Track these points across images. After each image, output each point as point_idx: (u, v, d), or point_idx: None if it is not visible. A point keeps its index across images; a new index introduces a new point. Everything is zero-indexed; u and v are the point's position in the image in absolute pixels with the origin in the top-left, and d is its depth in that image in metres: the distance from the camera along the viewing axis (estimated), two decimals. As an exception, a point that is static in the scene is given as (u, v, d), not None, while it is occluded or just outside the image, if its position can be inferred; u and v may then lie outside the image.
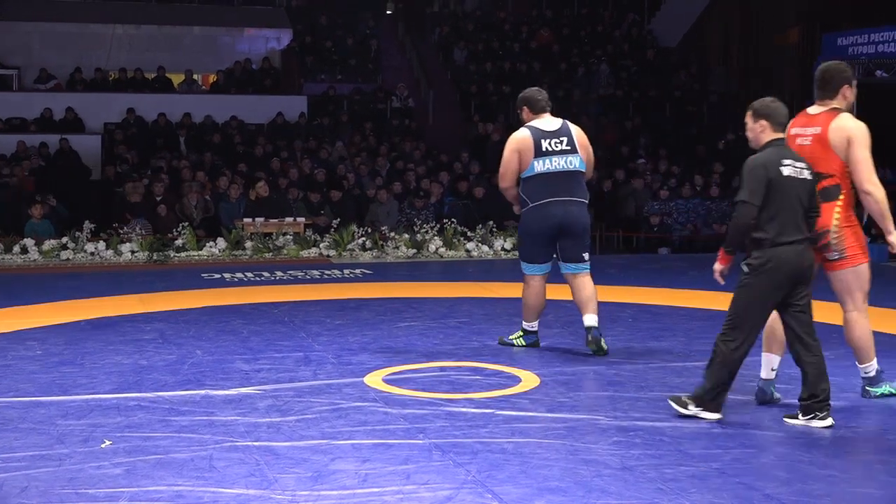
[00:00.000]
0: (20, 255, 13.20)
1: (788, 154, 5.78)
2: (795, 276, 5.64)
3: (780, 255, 5.60)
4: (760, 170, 5.66)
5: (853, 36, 16.10)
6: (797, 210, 5.66)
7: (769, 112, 5.89)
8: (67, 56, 21.73)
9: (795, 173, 5.70)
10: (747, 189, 5.63)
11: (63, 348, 7.64)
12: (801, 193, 5.68)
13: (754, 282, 5.63)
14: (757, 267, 5.63)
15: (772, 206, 5.61)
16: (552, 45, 23.44)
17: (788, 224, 5.62)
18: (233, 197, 15.50)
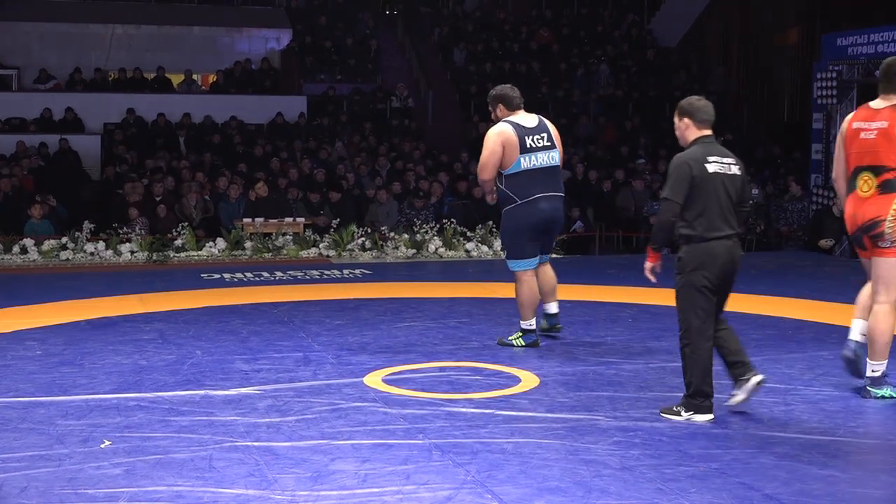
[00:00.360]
0: (20, 255, 13.19)
1: (715, 150, 5.88)
2: (725, 270, 5.75)
3: (711, 250, 5.71)
4: (685, 167, 5.75)
5: (853, 36, 16.09)
6: (725, 206, 5.75)
7: (693, 110, 5.98)
8: (67, 56, 21.74)
9: (723, 169, 5.80)
10: (671, 186, 5.76)
11: (63, 348, 7.64)
12: (729, 189, 5.77)
13: (689, 281, 5.76)
14: (688, 264, 5.76)
15: (699, 203, 5.71)
16: (552, 46, 23.44)
17: (717, 219, 5.72)
18: (232, 197, 15.49)
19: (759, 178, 18.01)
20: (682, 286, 5.80)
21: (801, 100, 21.74)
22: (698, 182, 5.71)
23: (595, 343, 7.86)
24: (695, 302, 5.74)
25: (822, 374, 6.86)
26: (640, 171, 17.88)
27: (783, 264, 12.91)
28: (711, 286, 5.73)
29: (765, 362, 7.16)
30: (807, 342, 7.94)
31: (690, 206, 5.72)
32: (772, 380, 6.66)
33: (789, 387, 6.49)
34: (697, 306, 5.74)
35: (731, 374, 5.90)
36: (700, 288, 5.73)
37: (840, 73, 15.57)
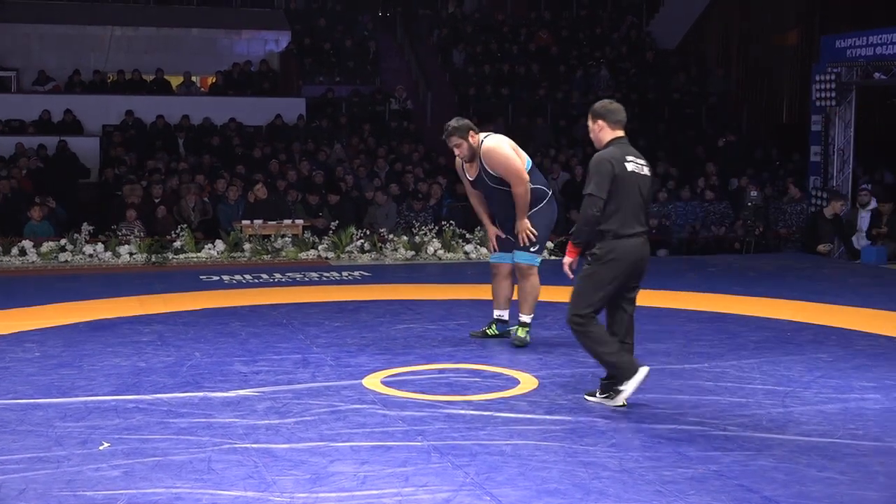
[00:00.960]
0: (18, 256, 13.18)
1: (630, 151, 6.10)
2: (634, 267, 5.98)
3: (623, 246, 5.92)
4: (607, 164, 5.96)
5: (852, 38, 16.11)
6: (639, 204, 5.99)
7: (605, 112, 6.17)
8: (66, 58, 21.74)
9: (637, 169, 6.03)
10: (594, 182, 5.93)
11: (61, 350, 7.64)
12: (642, 188, 6.02)
13: (597, 270, 5.95)
14: (600, 257, 5.94)
15: (616, 200, 5.92)
16: (551, 47, 23.44)
17: (630, 217, 5.95)
18: (231, 199, 15.50)
19: (758, 179, 18.02)
20: (590, 274, 5.99)
21: (799, 102, 21.76)
22: (618, 180, 5.93)
23: (594, 345, 7.85)
24: (597, 291, 5.95)
25: (820, 376, 6.86)
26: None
27: (782, 266, 12.92)
28: (618, 282, 5.96)
29: (763, 364, 7.18)
30: (805, 344, 7.94)
31: (608, 203, 5.93)
32: (770, 382, 6.67)
33: (788, 389, 6.49)
34: (598, 296, 5.95)
35: (605, 380, 6.11)
36: (609, 280, 5.94)
37: (839, 74, 15.59)
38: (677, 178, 17.99)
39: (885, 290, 10.98)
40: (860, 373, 6.96)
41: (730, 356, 7.46)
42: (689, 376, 6.82)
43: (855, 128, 15.99)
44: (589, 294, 5.96)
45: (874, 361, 7.32)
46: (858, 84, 15.77)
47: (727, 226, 16.32)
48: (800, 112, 21.39)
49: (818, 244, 14.39)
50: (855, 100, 15.92)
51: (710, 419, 5.75)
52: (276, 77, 22.13)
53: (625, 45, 24.11)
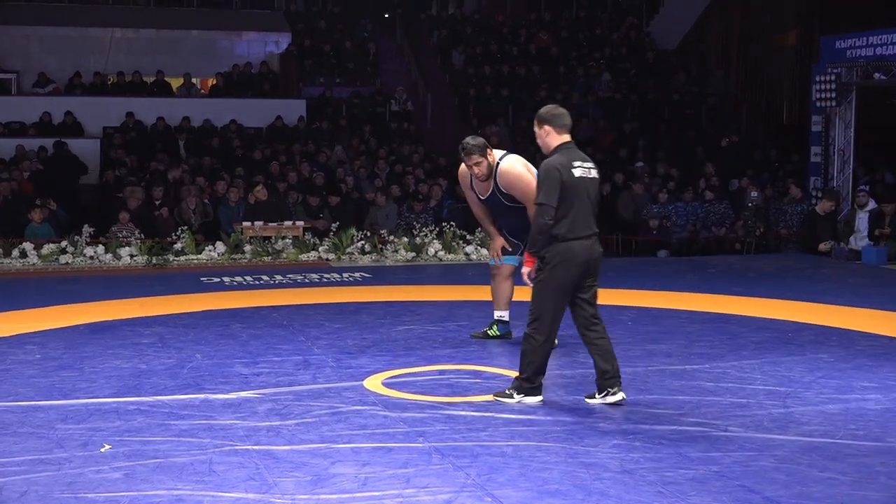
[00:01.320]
0: (19, 258, 13.19)
1: (577, 156, 6.19)
2: (586, 268, 6.09)
3: (572, 249, 6.04)
4: (555, 172, 6.05)
5: (851, 38, 16.11)
6: (588, 208, 6.12)
7: (550, 118, 6.27)
8: (66, 60, 21.74)
9: (585, 173, 6.14)
10: (544, 191, 6.05)
11: (62, 352, 7.64)
12: (590, 192, 6.15)
13: (550, 275, 6.05)
14: (549, 261, 6.06)
15: (565, 205, 6.04)
16: (551, 49, 23.44)
17: (580, 221, 6.06)
18: (232, 200, 15.50)
19: (759, 180, 18.02)
20: (542, 280, 6.10)
21: (799, 102, 21.76)
22: (567, 186, 6.03)
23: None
24: (552, 298, 6.05)
25: (821, 376, 6.86)
26: (639, 174, 17.89)
27: (782, 267, 12.93)
28: (570, 284, 6.07)
29: (764, 365, 7.18)
30: (806, 345, 7.94)
31: (557, 209, 6.04)
32: (771, 382, 6.67)
33: (789, 389, 6.49)
34: (555, 300, 6.06)
35: (598, 380, 6.18)
36: (559, 285, 6.05)
37: (839, 75, 15.59)
38: (677, 179, 17.99)
39: (886, 290, 10.99)
40: (861, 373, 6.96)
41: (730, 357, 7.46)
42: (689, 377, 6.82)
43: (855, 128, 15.99)
44: (543, 300, 6.08)
45: (875, 362, 7.33)
46: (858, 84, 15.78)
47: (727, 226, 16.31)
48: (800, 113, 21.38)
49: (817, 243, 14.40)
50: (855, 100, 15.92)
51: (712, 420, 5.75)
52: (277, 79, 22.14)
53: (625, 46, 24.10)
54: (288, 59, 22.57)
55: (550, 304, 6.06)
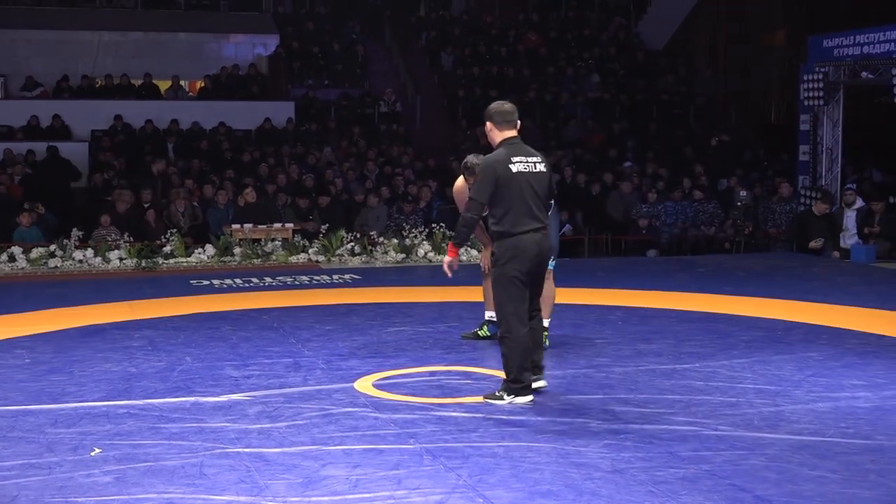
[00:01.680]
0: (8, 262, 13.15)
1: (520, 151, 6.29)
2: (535, 261, 6.21)
3: (522, 243, 6.15)
4: (490, 169, 6.20)
5: (839, 38, 16.15)
6: (532, 202, 6.20)
7: (493, 114, 6.40)
8: (54, 63, 21.68)
9: (528, 168, 6.23)
10: (476, 187, 6.25)
11: (52, 356, 7.62)
12: (535, 186, 6.23)
13: (503, 272, 6.19)
14: (500, 258, 6.20)
15: (506, 201, 6.16)
16: (539, 49, 23.46)
17: (522, 216, 6.16)
18: (221, 203, 15.48)
19: (748, 180, 18.06)
20: (497, 277, 6.24)
21: (787, 101, 21.81)
22: (503, 182, 6.14)
23: (584, 346, 7.87)
24: (509, 292, 6.16)
25: (811, 374, 6.88)
26: (628, 174, 17.91)
27: (771, 266, 12.95)
28: (523, 276, 6.17)
29: (754, 364, 7.20)
30: (796, 343, 7.96)
31: (498, 205, 6.18)
32: (761, 381, 6.69)
33: (779, 388, 6.51)
34: (512, 296, 6.16)
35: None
36: (512, 279, 6.15)
37: (826, 74, 15.63)
38: (667, 179, 18.02)
39: (875, 288, 11.02)
40: (851, 371, 6.98)
41: (721, 356, 7.48)
42: (680, 376, 6.83)
43: (843, 127, 16.03)
44: (500, 298, 6.19)
45: (865, 360, 7.35)
46: (846, 83, 15.82)
47: (716, 226, 16.35)
48: (788, 112, 21.44)
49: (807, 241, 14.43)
50: (843, 99, 15.97)
51: (702, 419, 5.77)
52: (265, 81, 22.11)
53: (613, 46, 24.13)
54: (276, 61, 22.55)
55: (508, 300, 6.16)
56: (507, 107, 6.41)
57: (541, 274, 6.35)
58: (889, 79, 14.61)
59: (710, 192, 17.35)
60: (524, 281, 6.17)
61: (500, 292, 6.20)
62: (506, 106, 6.42)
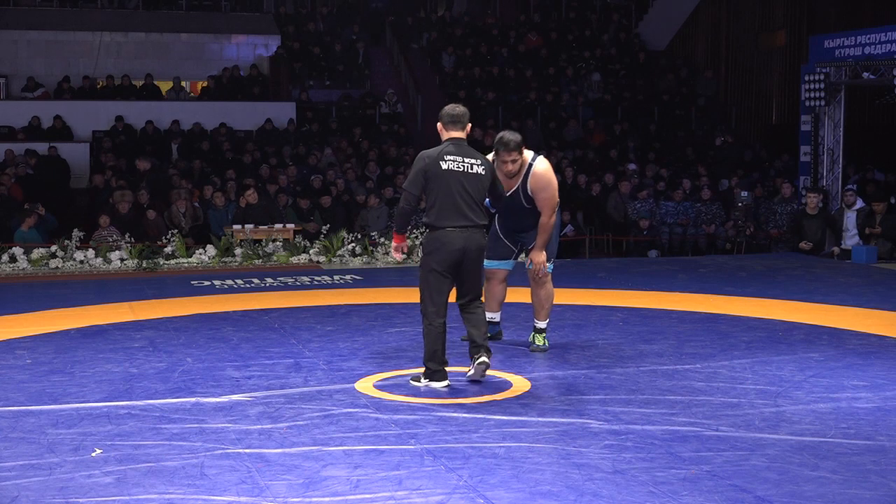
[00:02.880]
0: (9, 263, 13.15)
1: (458, 151, 6.63)
2: (459, 255, 6.50)
3: (445, 236, 6.49)
4: (419, 163, 6.60)
5: (840, 38, 16.16)
6: (462, 199, 6.51)
7: (442, 115, 6.80)
8: (55, 64, 21.70)
9: (459, 167, 6.55)
10: (409, 179, 6.63)
11: (53, 357, 7.62)
12: (467, 185, 6.54)
13: (423, 262, 6.60)
14: (425, 247, 6.61)
15: (432, 195, 6.53)
16: (540, 50, 23.47)
17: (448, 211, 6.50)
18: (219, 204, 15.49)
19: (749, 180, 18.06)
20: (420, 268, 6.65)
21: (789, 102, 21.81)
22: (430, 177, 6.52)
23: (586, 346, 7.87)
24: (428, 282, 6.54)
25: (812, 375, 6.88)
26: (629, 174, 17.91)
27: (773, 266, 12.95)
28: (442, 268, 6.51)
29: (755, 364, 7.19)
30: (797, 344, 7.96)
31: (427, 198, 6.58)
32: (762, 382, 6.69)
33: (780, 388, 6.51)
34: (431, 286, 6.53)
35: (470, 353, 6.66)
36: (432, 270, 6.52)
37: (828, 75, 15.63)
38: (667, 180, 18.02)
39: (876, 289, 11.01)
40: (852, 372, 6.98)
41: (721, 356, 7.47)
42: (681, 377, 6.83)
43: (844, 127, 16.04)
44: (422, 285, 6.57)
45: (865, 360, 7.34)
46: (847, 84, 15.82)
47: (717, 226, 16.35)
48: (789, 112, 21.44)
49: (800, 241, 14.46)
50: (844, 100, 15.97)
51: (703, 419, 5.76)
52: (266, 82, 22.12)
53: (614, 47, 24.14)
54: (278, 61, 22.56)
55: (427, 287, 6.53)
56: (458, 110, 6.75)
57: (470, 269, 6.62)
58: (890, 79, 14.61)
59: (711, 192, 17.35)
60: (443, 273, 6.51)
61: (421, 282, 6.60)
62: (457, 109, 6.77)
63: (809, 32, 20.27)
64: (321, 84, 22.10)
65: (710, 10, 24.98)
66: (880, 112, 20.01)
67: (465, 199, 6.52)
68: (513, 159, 7.37)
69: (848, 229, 14.33)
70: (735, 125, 22.63)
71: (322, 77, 22.26)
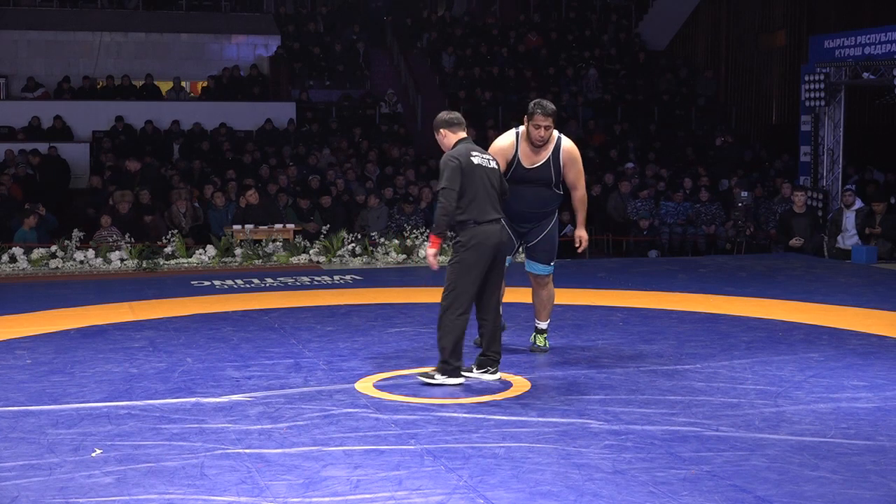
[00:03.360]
0: (9, 263, 13.15)
1: (474, 148, 6.76)
2: (496, 250, 6.59)
3: (485, 232, 6.54)
4: (453, 161, 6.59)
5: (840, 38, 16.15)
6: (490, 194, 6.62)
7: (444, 122, 6.86)
8: (55, 64, 21.72)
9: (484, 162, 6.68)
10: (446, 177, 6.56)
11: (53, 357, 7.62)
12: (491, 179, 6.67)
13: (464, 257, 6.54)
14: (465, 244, 6.54)
15: (470, 191, 6.55)
16: (540, 50, 23.47)
17: (485, 205, 6.57)
18: (218, 205, 15.49)
19: (749, 180, 18.06)
20: (457, 262, 6.56)
21: (789, 102, 21.82)
22: (466, 172, 6.55)
23: (586, 347, 7.87)
24: (466, 278, 6.52)
25: (812, 375, 6.88)
26: (630, 175, 17.91)
27: (773, 266, 12.95)
28: (484, 265, 6.55)
29: (755, 364, 7.19)
30: (797, 344, 7.95)
31: (463, 195, 6.55)
32: (762, 382, 6.69)
33: (780, 389, 6.50)
34: (470, 281, 6.53)
35: (479, 358, 6.77)
36: (472, 265, 6.52)
37: (828, 75, 15.63)
38: (667, 180, 18.02)
39: (876, 289, 11.01)
40: (852, 372, 6.98)
41: (722, 356, 7.47)
42: (681, 377, 6.83)
43: (844, 128, 16.04)
44: (460, 279, 6.51)
45: (866, 360, 7.34)
46: (847, 84, 15.81)
47: (717, 226, 16.35)
48: (789, 112, 21.45)
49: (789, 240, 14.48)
50: (844, 100, 15.97)
51: (703, 420, 5.76)
52: (266, 82, 22.13)
53: (614, 47, 24.14)
54: (278, 62, 22.57)
55: (465, 284, 6.51)
56: (454, 115, 6.89)
57: (500, 264, 6.72)
58: (890, 79, 14.60)
59: (711, 192, 17.36)
60: (482, 267, 6.54)
61: (460, 274, 6.53)
62: (453, 113, 6.91)
63: (809, 32, 20.27)
64: (321, 84, 22.10)
65: (710, 10, 24.99)
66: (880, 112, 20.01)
67: (491, 194, 6.65)
68: (547, 125, 7.24)
69: (847, 229, 14.33)
70: (735, 125, 22.64)
71: (322, 77, 22.27)
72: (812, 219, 14.67)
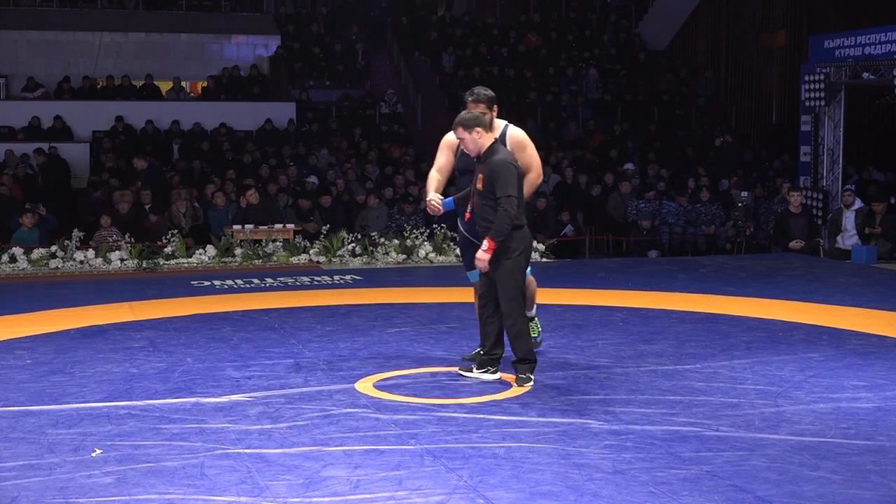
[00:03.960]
0: (9, 263, 13.15)
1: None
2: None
3: (527, 236, 6.66)
4: (512, 168, 6.56)
5: (840, 38, 16.15)
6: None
7: (475, 120, 6.63)
8: (55, 64, 21.73)
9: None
10: (511, 185, 6.48)
11: (53, 357, 7.62)
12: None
13: (518, 262, 6.58)
14: (517, 249, 6.57)
15: (521, 196, 6.62)
16: (540, 50, 23.48)
17: (523, 210, 6.65)
18: (219, 205, 15.49)
19: (749, 180, 18.06)
20: (515, 269, 6.56)
21: (789, 102, 21.82)
22: (519, 177, 6.61)
23: (586, 347, 7.87)
24: (520, 282, 6.59)
25: (812, 375, 6.88)
26: (629, 175, 17.92)
27: (773, 266, 12.94)
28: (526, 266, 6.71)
29: (755, 364, 7.19)
30: (797, 344, 7.95)
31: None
32: (762, 382, 6.69)
33: (780, 389, 6.50)
34: (521, 285, 6.61)
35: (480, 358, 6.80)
36: (522, 268, 6.65)
37: (828, 75, 15.62)
38: (667, 180, 18.02)
39: (876, 289, 11.01)
40: (852, 372, 6.98)
41: (722, 356, 7.47)
42: (681, 377, 6.83)
43: (844, 128, 16.04)
44: (518, 283, 6.56)
45: (866, 361, 7.34)
46: (847, 84, 15.81)
47: (717, 226, 16.35)
48: (789, 112, 21.45)
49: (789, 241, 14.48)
50: (844, 100, 15.97)
51: (703, 420, 5.76)
52: (266, 82, 22.13)
53: (614, 47, 24.15)
54: (278, 62, 22.57)
55: (520, 291, 6.58)
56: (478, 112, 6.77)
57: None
58: (890, 79, 14.60)
59: (711, 192, 17.37)
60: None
61: (515, 282, 6.53)
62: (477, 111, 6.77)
63: (809, 32, 20.27)
64: (321, 84, 22.11)
65: (710, 10, 25.00)
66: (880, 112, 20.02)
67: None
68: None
69: (847, 229, 14.33)
70: (735, 125, 22.65)
71: (322, 77, 22.27)
72: (809, 219, 14.68)
